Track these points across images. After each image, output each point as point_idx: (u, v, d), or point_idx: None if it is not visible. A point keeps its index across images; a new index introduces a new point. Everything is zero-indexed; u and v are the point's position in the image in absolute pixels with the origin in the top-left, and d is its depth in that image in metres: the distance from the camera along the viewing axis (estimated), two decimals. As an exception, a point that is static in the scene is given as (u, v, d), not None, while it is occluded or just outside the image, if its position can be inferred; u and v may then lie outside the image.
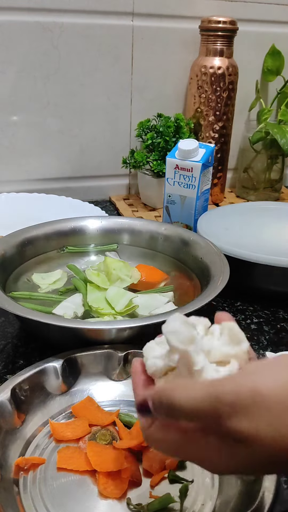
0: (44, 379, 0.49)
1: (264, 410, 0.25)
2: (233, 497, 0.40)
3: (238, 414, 0.25)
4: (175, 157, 0.79)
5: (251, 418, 0.25)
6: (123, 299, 0.61)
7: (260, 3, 1.03)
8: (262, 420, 0.25)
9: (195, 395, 0.27)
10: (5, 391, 0.46)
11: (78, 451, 0.44)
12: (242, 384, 0.26)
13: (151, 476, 0.42)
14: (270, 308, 0.69)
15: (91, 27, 0.93)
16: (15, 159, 0.98)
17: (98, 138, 1.03)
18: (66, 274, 0.68)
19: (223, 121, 0.98)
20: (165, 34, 0.99)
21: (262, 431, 0.25)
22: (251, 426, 0.25)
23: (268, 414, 0.25)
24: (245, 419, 0.25)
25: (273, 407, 0.25)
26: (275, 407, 0.25)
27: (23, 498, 0.40)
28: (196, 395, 0.27)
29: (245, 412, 0.25)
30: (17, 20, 0.88)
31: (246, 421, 0.25)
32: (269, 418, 0.25)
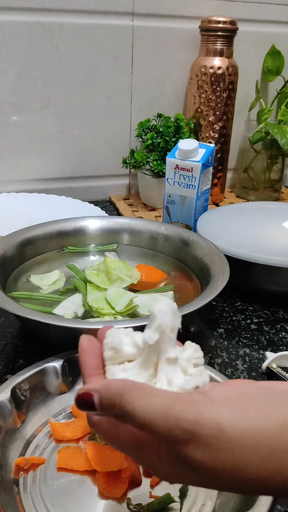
0: (44, 379, 0.49)
1: (225, 448, 0.24)
2: (233, 497, 0.40)
3: (197, 445, 0.24)
4: (175, 157, 0.79)
5: (210, 452, 0.24)
6: (123, 299, 0.61)
7: (260, 3, 1.03)
8: (222, 457, 0.24)
9: (153, 408, 0.25)
10: (5, 391, 0.46)
11: (78, 451, 0.44)
12: (207, 417, 0.24)
13: (151, 476, 0.42)
14: (270, 308, 0.69)
15: (91, 27, 0.93)
16: (15, 159, 0.98)
17: (98, 138, 1.03)
18: (64, 274, 0.68)
19: (223, 121, 0.98)
20: (165, 34, 0.99)
21: (219, 467, 0.24)
22: (209, 459, 0.24)
23: (230, 454, 0.24)
24: (203, 451, 0.24)
25: (236, 449, 0.24)
26: (238, 449, 0.24)
27: (23, 498, 0.40)
28: (154, 409, 0.25)
29: (204, 446, 0.24)
30: (17, 20, 0.88)
31: (204, 454, 0.24)
32: (229, 458, 0.24)
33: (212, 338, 0.63)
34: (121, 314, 0.60)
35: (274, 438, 0.24)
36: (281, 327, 0.65)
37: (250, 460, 0.24)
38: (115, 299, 0.61)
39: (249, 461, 0.24)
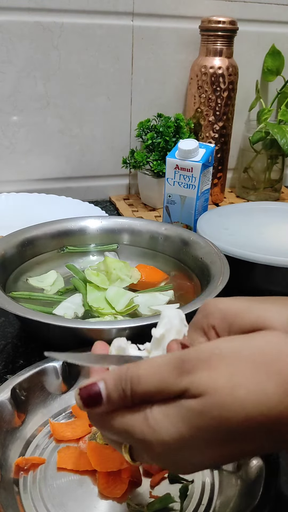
0: (44, 379, 0.49)
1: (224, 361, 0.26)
2: (233, 497, 0.40)
3: (199, 368, 0.26)
4: (175, 157, 0.79)
5: (210, 370, 0.26)
6: (123, 299, 0.61)
7: (260, 3, 1.03)
8: (222, 370, 0.26)
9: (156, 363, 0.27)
10: (5, 391, 0.46)
11: (78, 451, 0.44)
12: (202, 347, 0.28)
13: (151, 476, 0.42)
14: (270, 308, 0.69)
15: (91, 27, 0.93)
16: (15, 159, 0.98)
17: (98, 138, 1.03)
18: (60, 274, 0.68)
19: (223, 121, 0.98)
20: (165, 34, 0.99)
21: (222, 380, 0.26)
22: (209, 375, 0.26)
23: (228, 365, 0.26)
24: (203, 372, 0.26)
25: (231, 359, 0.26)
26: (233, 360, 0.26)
27: (23, 498, 0.40)
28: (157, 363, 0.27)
29: (204, 366, 0.26)
30: (17, 20, 0.88)
31: (205, 374, 0.26)
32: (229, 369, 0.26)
33: (212, 338, 0.63)
34: (122, 314, 0.60)
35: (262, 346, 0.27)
36: (281, 327, 0.65)
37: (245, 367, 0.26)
38: (115, 299, 0.61)
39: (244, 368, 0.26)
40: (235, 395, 0.25)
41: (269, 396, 0.25)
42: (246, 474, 0.41)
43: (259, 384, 0.26)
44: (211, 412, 0.25)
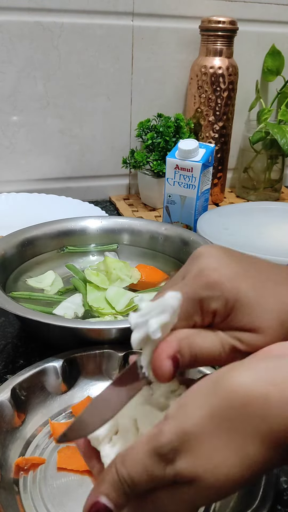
0: (44, 379, 0.49)
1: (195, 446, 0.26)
2: (233, 497, 0.40)
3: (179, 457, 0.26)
4: (175, 157, 0.79)
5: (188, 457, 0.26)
6: (123, 299, 0.61)
7: (260, 3, 1.03)
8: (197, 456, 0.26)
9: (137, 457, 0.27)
10: (5, 391, 0.46)
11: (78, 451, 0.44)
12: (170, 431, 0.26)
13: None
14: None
15: (91, 27, 0.93)
16: (15, 159, 0.98)
17: (98, 138, 1.03)
18: (58, 274, 0.68)
19: (223, 121, 0.98)
20: (165, 34, 0.99)
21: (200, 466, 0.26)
22: (189, 464, 0.26)
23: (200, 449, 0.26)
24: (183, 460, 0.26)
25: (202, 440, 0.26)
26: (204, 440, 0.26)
27: (23, 498, 0.40)
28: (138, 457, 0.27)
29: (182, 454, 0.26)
30: (17, 20, 0.88)
31: (184, 462, 0.26)
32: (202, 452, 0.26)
33: (212, 338, 0.63)
34: (122, 314, 0.60)
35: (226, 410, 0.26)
36: (281, 327, 0.65)
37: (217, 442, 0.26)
38: (115, 299, 0.61)
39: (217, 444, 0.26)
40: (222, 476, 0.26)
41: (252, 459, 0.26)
42: (246, 474, 0.41)
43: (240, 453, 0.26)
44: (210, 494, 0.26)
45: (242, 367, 0.27)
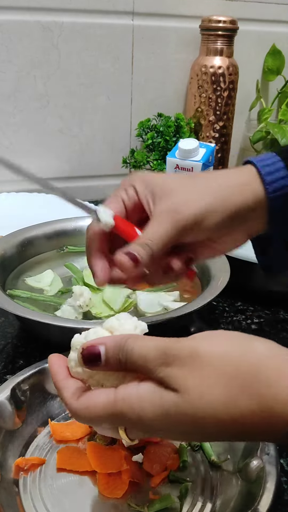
0: (44, 379, 0.49)
1: (197, 367, 0.29)
2: (233, 497, 0.40)
3: (176, 365, 0.29)
4: (175, 157, 0.79)
5: (185, 370, 0.29)
6: (119, 297, 0.61)
7: (260, 2, 1.03)
8: (193, 374, 0.29)
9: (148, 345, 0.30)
10: (5, 391, 0.45)
11: (78, 451, 0.44)
12: (185, 344, 0.30)
13: (152, 476, 0.42)
14: (271, 308, 0.69)
15: (91, 27, 0.93)
16: (15, 159, 0.98)
17: (98, 138, 1.03)
18: (57, 274, 0.68)
19: (223, 120, 0.98)
20: (165, 33, 0.99)
21: (191, 382, 0.29)
22: (183, 375, 0.29)
23: (200, 371, 0.29)
24: (179, 369, 0.29)
25: (206, 367, 0.29)
26: (208, 368, 0.29)
27: (23, 498, 0.40)
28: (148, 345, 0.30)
29: (182, 365, 0.29)
30: (17, 20, 0.88)
31: (180, 371, 0.29)
32: (200, 374, 0.29)
33: (213, 338, 0.63)
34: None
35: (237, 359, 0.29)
36: (281, 327, 0.65)
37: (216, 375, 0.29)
38: (113, 299, 0.61)
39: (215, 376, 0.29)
40: (204, 399, 0.28)
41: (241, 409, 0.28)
42: (246, 474, 0.41)
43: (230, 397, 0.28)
44: (185, 408, 0.29)
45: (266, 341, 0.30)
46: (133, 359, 0.30)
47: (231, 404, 0.28)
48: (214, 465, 0.43)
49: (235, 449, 0.44)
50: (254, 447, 0.42)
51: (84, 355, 0.32)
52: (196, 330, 0.64)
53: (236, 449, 0.44)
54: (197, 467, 0.43)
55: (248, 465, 0.41)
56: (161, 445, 0.44)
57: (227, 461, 0.43)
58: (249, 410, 0.28)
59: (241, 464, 0.42)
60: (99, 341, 0.32)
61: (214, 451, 0.44)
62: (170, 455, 0.43)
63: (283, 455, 0.46)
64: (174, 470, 0.43)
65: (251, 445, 0.42)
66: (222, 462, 0.43)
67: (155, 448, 0.44)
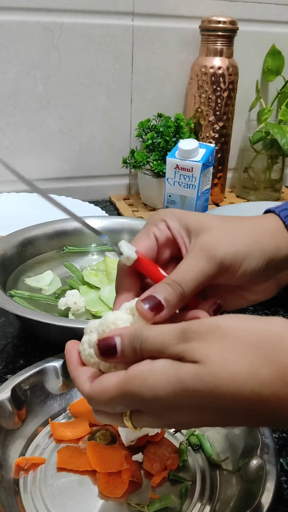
0: (44, 379, 0.49)
1: (219, 339, 0.28)
2: (233, 497, 0.40)
3: (196, 339, 0.29)
4: (175, 157, 0.79)
5: (206, 342, 0.28)
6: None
7: (260, 3, 1.03)
8: (215, 345, 0.28)
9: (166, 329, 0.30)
10: (5, 391, 0.46)
11: (78, 451, 0.44)
12: (205, 321, 0.30)
13: (152, 476, 0.42)
14: (270, 308, 0.69)
15: (91, 27, 0.93)
16: (15, 159, 0.98)
17: (98, 138, 1.03)
18: (56, 274, 0.68)
19: (223, 121, 0.98)
20: (165, 34, 0.99)
21: (213, 352, 0.28)
22: (204, 346, 0.28)
23: (222, 342, 0.28)
24: (200, 342, 0.28)
25: (228, 338, 0.28)
26: (230, 339, 0.28)
27: (23, 498, 0.40)
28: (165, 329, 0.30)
29: (202, 338, 0.29)
30: (17, 20, 0.88)
31: (200, 343, 0.28)
32: (222, 345, 0.28)
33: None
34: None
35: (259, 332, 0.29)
36: (281, 327, 0.65)
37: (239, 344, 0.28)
38: (111, 298, 0.61)
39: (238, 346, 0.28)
40: (227, 369, 0.28)
41: (262, 377, 0.27)
42: (246, 474, 0.41)
43: (252, 364, 0.28)
44: (204, 378, 0.28)
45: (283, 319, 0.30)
46: (148, 343, 0.30)
47: (253, 372, 0.27)
48: (214, 464, 0.43)
49: (234, 448, 0.44)
50: (254, 446, 0.42)
51: (100, 346, 0.31)
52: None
53: (235, 448, 0.44)
54: (197, 466, 0.44)
55: (248, 464, 0.41)
56: (161, 444, 0.44)
57: (227, 460, 0.43)
58: (270, 378, 0.27)
59: (241, 463, 0.42)
60: (115, 332, 0.31)
61: (213, 450, 0.44)
62: (170, 455, 0.43)
63: (283, 454, 0.46)
64: (174, 469, 0.43)
65: (251, 444, 0.42)
66: (222, 462, 0.43)
67: (155, 448, 0.44)
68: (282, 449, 0.47)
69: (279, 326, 0.29)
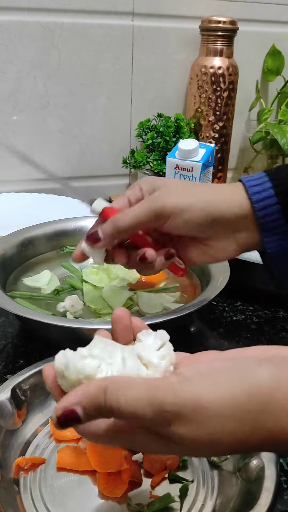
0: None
1: (204, 421, 0.27)
2: (233, 497, 0.40)
3: (180, 423, 0.27)
4: (175, 157, 0.79)
5: (192, 427, 0.27)
6: (120, 298, 0.61)
7: (260, 3, 1.03)
8: (202, 430, 0.27)
9: (137, 400, 0.27)
10: (5, 391, 0.46)
11: (78, 451, 0.44)
12: (186, 397, 0.27)
13: (152, 476, 0.42)
14: (270, 308, 0.69)
15: (91, 27, 0.93)
16: (15, 159, 0.98)
17: (98, 138, 1.03)
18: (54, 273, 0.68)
19: (223, 121, 0.98)
20: (165, 34, 0.99)
21: (201, 437, 0.27)
22: (191, 433, 0.27)
23: (208, 425, 0.27)
24: (185, 427, 0.27)
25: (214, 419, 0.27)
26: (216, 420, 0.27)
27: (23, 498, 0.40)
28: (138, 400, 0.27)
29: (187, 422, 0.27)
30: (17, 20, 0.88)
31: (186, 429, 0.27)
32: (208, 429, 0.27)
33: (212, 338, 0.63)
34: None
35: (245, 402, 0.27)
36: (281, 327, 0.65)
37: (227, 425, 0.27)
38: (112, 298, 0.61)
39: (226, 427, 0.27)
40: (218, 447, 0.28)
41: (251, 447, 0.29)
42: (246, 474, 0.41)
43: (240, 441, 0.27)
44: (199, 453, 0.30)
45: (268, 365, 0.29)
46: (124, 415, 0.27)
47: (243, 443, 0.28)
48: (213, 464, 0.43)
49: (235, 448, 0.44)
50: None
51: (61, 421, 0.27)
52: (196, 330, 0.64)
53: (236, 449, 0.44)
54: (197, 466, 0.44)
55: (248, 464, 0.41)
56: (161, 444, 0.44)
57: (227, 460, 0.43)
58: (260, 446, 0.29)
59: (240, 464, 0.42)
60: (72, 401, 0.27)
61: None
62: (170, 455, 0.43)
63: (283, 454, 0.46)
64: (174, 469, 0.43)
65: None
66: (222, 462, 0.43)
67: (155, 448, 0.44)
68: (282, 449, 0.47)
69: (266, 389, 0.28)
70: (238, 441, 0.27)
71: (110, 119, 1.02)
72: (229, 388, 0.27)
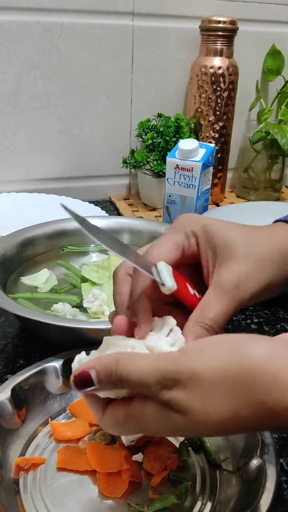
0: (44, 379, 0.49)
1: (198, 387, 0.30)
2: (233, 497, 0.40)
3: (178, 388, 0.30)
4: (175, 157, 0.79)
5: (187, 392, 0.30)
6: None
7: (260, 3, 1.03)
8: (196, 395, 0.30)
9: (144, 368, 0.30)
10: (5, 391, 0.46)
11: (78, 451, 0.44)
12: (183, 365, 0.30)
13: (152, 476, 0.42)
14: (270, 308, 0.69)
15: (91, 27, 0.93)
16: (15, 159, 0.98)
17: (98, 138, 1.03)
18: (52, 272, 0.68)
19: (223, 121, 0.98)
20: (165, 34, 0.99)
21: (195, 403, 0.30)
22: (187, 398, 0.30)
23: (202, 391, 0.30)
24: (182, 392, 0.30)
25: (206, 386, 0.30)
26: (208, 386, 0.30)
27: (23, 498, 0.40)
28: (145, 368, 0.30)
29: (183, 387, 0.30)
30: (17, 20, 0.88)
31: (183, 394, 0.30)
32: (202, 394, 0.30)
33: (212, 338, 0.63)
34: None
35: (237, 371, 0.30)
36: (281, 327, 0.65)
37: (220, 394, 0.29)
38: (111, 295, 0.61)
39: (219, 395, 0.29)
40: (210, 418, 0.30)
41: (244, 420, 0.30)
42: (246, 474, 0.41)
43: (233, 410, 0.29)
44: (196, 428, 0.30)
45: (262, 340, 0.31)
46: (131, 383, 0.31)
47: (235, 416, 0.29)
48: (214, 464, 0.43)
49: (235, 448, 0.44)
50: (254, 446, 0.42)
51: (76, 382, 0.32)
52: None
53: (235, 448, 0.44)
54: (197, 466, 0.44)
55: (248, 464, 0.41)
56: (161, 444, 0.44)
57: (227, 460, 0.43)
58: (253, 418, 0.30)
59: (241, 464, 0.42)
60: (88, 365, 0.32)
61: (214, 450, 0.44)
62: (170, 455, 0.43)
63: (283, 454, 0.46)
64: (174, 469, 0.43)
65: (251, 445, 0.42)
66: (222, 462, 0.43)
67: (155, 448, 0.44)
68: (282, 449, 0.47)
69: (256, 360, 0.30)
70: (232, 413, 0.29)
71: (110, 119, 1.02)
72: (222, 359, 0.30)
